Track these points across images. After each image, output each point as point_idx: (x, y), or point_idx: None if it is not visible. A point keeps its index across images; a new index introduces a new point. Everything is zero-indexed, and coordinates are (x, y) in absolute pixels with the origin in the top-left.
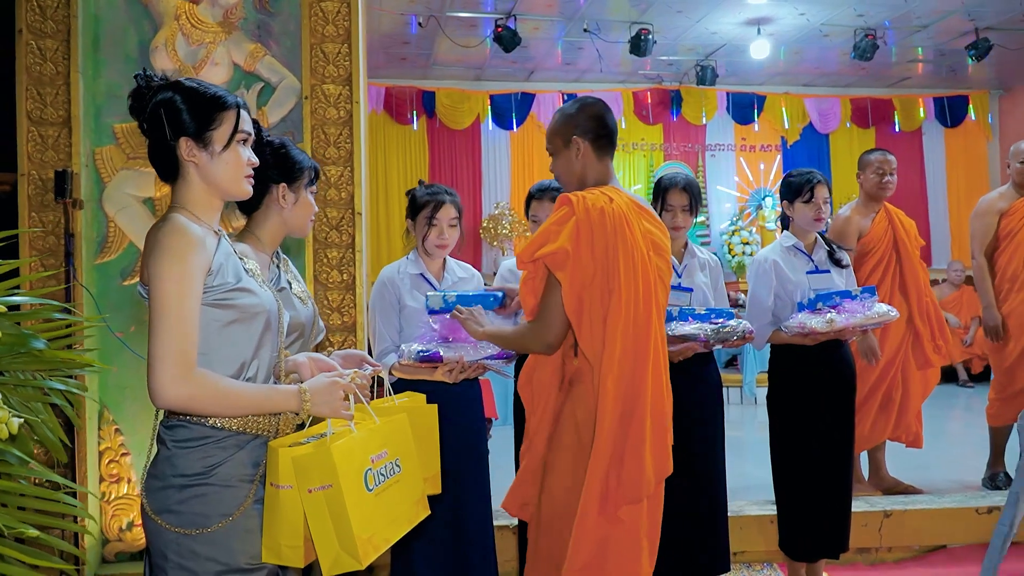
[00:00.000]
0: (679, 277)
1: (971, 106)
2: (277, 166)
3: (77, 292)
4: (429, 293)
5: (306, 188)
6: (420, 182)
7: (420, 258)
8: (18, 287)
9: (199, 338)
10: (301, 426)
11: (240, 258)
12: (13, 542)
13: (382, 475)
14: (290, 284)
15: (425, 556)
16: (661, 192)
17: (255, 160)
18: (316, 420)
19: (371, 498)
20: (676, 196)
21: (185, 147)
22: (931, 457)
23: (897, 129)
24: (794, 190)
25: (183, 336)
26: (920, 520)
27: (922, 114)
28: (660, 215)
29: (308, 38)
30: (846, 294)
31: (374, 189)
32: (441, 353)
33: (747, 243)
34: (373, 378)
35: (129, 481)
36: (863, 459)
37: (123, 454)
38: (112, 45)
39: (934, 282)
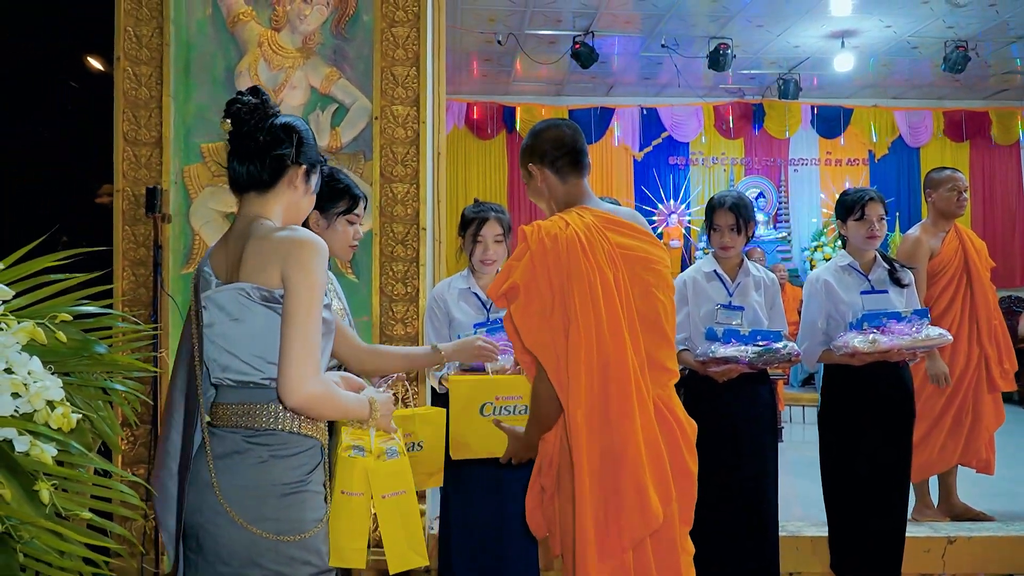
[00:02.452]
0: (730, 296)
1: None
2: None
3: (163, 300)
4: (462, 334)
5: (340, 216)
6: (475, 200)
7: (471, 273)
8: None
9: None
10: None
11: None
12: (70, 523)
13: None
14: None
15: (465, 549)
16: (709, 212)
17: None
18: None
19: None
20: (722, 216)
21: (298, 173)
22: (1016, 484)
23: (993, 143)
24: (846, 208)
25: (314, 342)
26: (986, 547)
27: (1020, 127)
28: (709, 235)
29: (379, 61)
30: (895, 315)
31: (453, 204)
32: (484, 362)
33: (830, 259)
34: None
35: None
36: (934, 485)
37: None
38: (201, 70)
39: None
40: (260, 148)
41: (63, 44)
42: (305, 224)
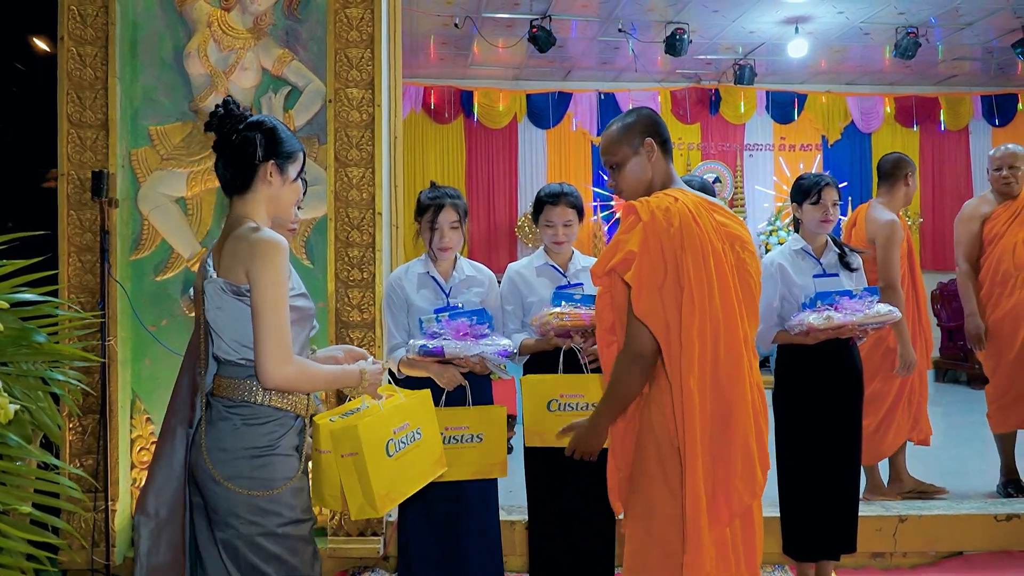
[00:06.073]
0: None
1: (1020, 105)
2: None
3: (111, 287)
4: (423, 318)
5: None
6: (432, 183)
7: (429, 259)
8: (23, 282)
9: None
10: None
11: None
12: (10, 518)
13: (403, 443)
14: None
15: (423, 548)
16: None
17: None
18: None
19: (391, 462)
20: None
21: (269, 169)
22: (965, 463)
23: (943, 128)
24: (803, 192)
25: (284, 329)
26: (936, 526)
27: (969, 113)
28: None
29: (333, 43)
30: (847, 293)
31: (411, 188)
32: (443, 348)
33: (784, 243)
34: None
35: None
36: (883, 467)
37: (153, 442)
38: (148, 51)
39: None
40: (232, 154)
41: (8, 25)
42: None
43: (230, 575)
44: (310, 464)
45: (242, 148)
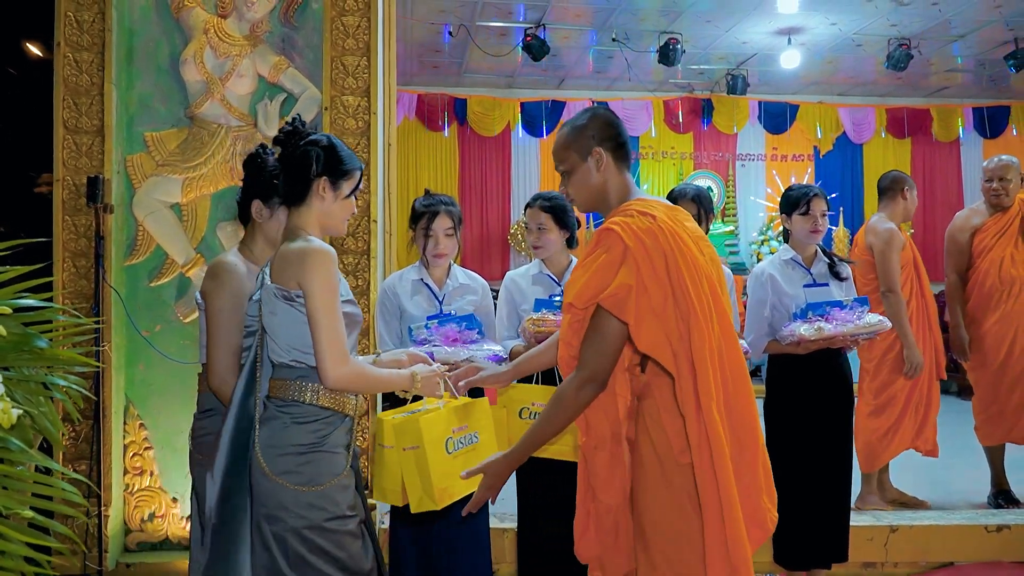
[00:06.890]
0: None
1: (1012, 117)
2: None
3: (106, 292)
4: (413, 326)
5: (278, 206)
6: (426, 191)
7: (424, 266)
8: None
9: None
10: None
11: None
12: (11, 522)
13: (461, 443)
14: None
15: (414, 555)
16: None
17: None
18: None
19: (450, 459)
20: (686, 207)
21: (323, 184)
22: (955, 473)
23: (934, 140)
24: (792, 203)
25: (340, 333)
26: (927, 536)
27: (960, 124)
28: None
29: (329, 51)
30: (837, 304)
31: (404, 196)
32: (433, 354)
33: (775, 253)
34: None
35: (152, 474)
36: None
37: (146, 448)
38: (145, 57)
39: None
40: (292, 168)
41: (1, 30)
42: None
43: (279, 566)
44: (365, 461)
45: (300, 162)
